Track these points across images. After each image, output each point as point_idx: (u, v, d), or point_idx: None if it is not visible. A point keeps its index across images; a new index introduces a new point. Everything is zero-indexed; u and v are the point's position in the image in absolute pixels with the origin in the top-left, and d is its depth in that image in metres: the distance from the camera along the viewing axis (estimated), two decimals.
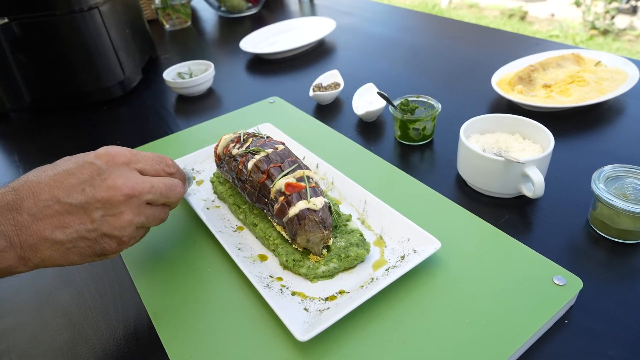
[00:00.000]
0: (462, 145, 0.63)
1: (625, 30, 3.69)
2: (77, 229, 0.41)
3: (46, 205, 0.40)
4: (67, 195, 0.41)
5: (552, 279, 0.48)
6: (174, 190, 0.49)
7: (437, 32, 1.28)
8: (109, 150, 0.44)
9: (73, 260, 0.43)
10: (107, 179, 0.42)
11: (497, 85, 0.85)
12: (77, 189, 0.41)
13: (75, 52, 0.98)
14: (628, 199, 0.51)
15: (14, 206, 0.40)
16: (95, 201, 0.41)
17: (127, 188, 0.43)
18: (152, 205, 0.47)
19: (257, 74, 1.14)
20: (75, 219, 0.41)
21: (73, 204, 0.41)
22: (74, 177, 0.42)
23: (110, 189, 0.42)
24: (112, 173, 0.43)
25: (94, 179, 0.42)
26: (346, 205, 0.61)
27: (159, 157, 0.50)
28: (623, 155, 0.68)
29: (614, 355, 0.43)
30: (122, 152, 0.45)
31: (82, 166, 0.42)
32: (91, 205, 0.41)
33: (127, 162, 0.45)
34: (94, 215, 0.41)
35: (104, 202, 0.41)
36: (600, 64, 0.87)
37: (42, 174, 0.42)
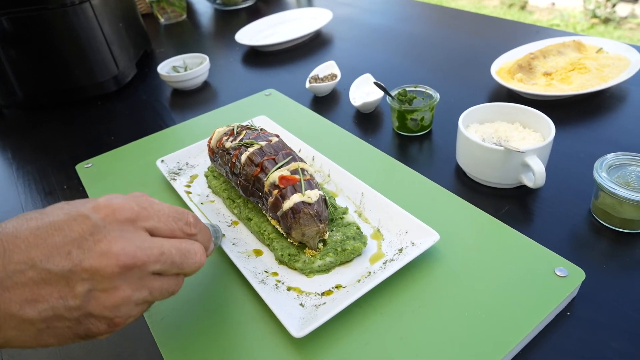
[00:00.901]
0: (461, 135, 0.62)
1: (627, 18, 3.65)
2: (53, 305, 0.31)
3: (18, 269, 0.30)
4: (47, 259, 0.31)
5: (553, 271, 0.46)
6: (191, 259, 0.38)
7: (436, 22, 1.26)
8: (111, 202, 0.34)
9: (48, 343, 0.33)
10: (101, 241, 0.32)
11: (496, 74, 0.84)
12: (62, 250, 0.31)
13: (68, 46, 0.96)
14: (631, 188, 0.50)
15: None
16: (82, 270, 0.31)
17: (126, 256, 0.32)
18: (160, 275, 0.36)
19: (253, 67, 1.13)
20: (53, 292, 0.31)
21: (52, 270, 0.31)
22: (61, 233, 0.32)
23: (104, 256, 0.32)
24: (110, 233, 0.33)
25: (85, 239, 0.32)
26: (343, 198, 0.60)
27: (177, 212, 0.38)
28: (625, 143, 0.67)
29: (617, 347, 0.42)
30: (128, 206, 0.35)
31: (73, 219, 0.32)
32: (76, 275, 0.31)
33: (132, 218, 0.34)
34: (77, 289, 0.31)
35: (93, 272, 0.31)
36: (601, 51, 0.85)
37: (24, 224, 0.32)
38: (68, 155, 0.84)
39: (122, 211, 0.34)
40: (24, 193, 0.76)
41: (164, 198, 0.66)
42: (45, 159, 0.84)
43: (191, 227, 0.39)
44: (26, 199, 0.74)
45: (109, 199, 0.35)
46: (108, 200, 0.34)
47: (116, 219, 0.33)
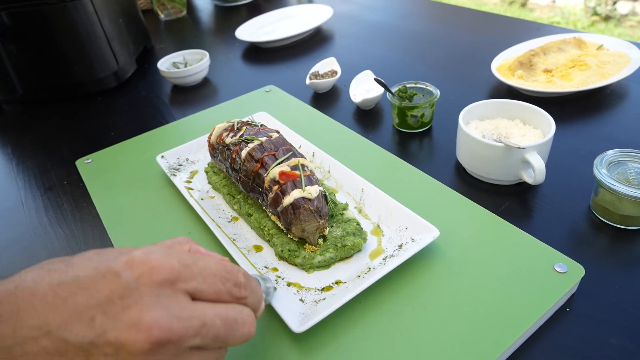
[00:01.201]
0: (461, 132, 0.62)
1: (627, 16, 3.64)
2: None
3: (31, 336, 0.25)
4: (65, 325, 0.26)
5: (553, 267, 0.47)
6: (238, 331, 0.31)
7: (437, 19, 1.26)
8: (148, 258, 0.28)
9: None
10: (132, 308, 0.26)
11: (497, 70, 0.84)
12: (84, 316, 0.26)
13: (68, 42, 0.96)
14: (631, 184, 0.50)
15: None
16: (105, 343, 0.26)
17: (160, 329, 0.26)
18: (199, 350, 0.30)
19: (253, 63, 1.12)
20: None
21: (70, 341, 0.25)
22: (85, 293, 0.26)
23: (133, 328, 0.26)
24: (143, 298, 0.27)
25: (113, 303, 0.26)
26: (343, 194, 0.60)
27: (226, 270, 0.32)
28: (625, 140, 0.67)
29: (616, 343, 0.42)
30: (168, 264, 0.28)
31: (101, 277, 0.27)
32: (97, 348, 0.26)
33: (172, 280, 0.28)
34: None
35: (118, 347, 0.26)
36: (602, 48, 0.85)
37: (45, 277, 0.27)
38: (68, 151, 0.84)
39: (161, 270, 0.28)
40: (24, 188, 0.75)
41: (164, 194, 0.66)
42: (45, 154, 0.84)
43: (241, 290, 0.32)
44: (26, 195, 0.74)
45: (146, 253, 0.28)
46: (145, 255, 0.28)
47: (152, 281, 0.27)
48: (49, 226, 0.66)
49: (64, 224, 0.66)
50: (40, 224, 0.67)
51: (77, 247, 0.62)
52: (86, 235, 0.63)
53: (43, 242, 0.63)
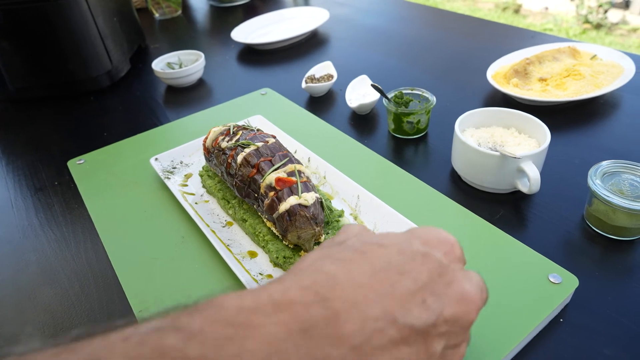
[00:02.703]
0: (457, 140, 0.62)
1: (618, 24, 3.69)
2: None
3: (377, 328, 0.23)
4: (407, 312, 0.24)
5: (547, 277, 0.47)
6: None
7: (432, 24, 1.26)
8: (438, 234, 0.29)
9: None
10: (452, 284, 0.27)
11: (492, 78, 0.84)
12: (416, 299, 0.25)
13: (61, 40, 0.95)
14: (625, 196, 0.51)
15: (328, 331, 0.22)
16: (443, 322, 0.26)
17: (480, 299, 0.27)
18: None
19: (249, 65, 1.12)
20: (411, 353, 0.24)
21: (415, 326, 0.24)
22: (409, 277, 0.26)
23: (463, 301, 0.26)
24: (456, 273, 0.28)
25: (435, 283, 0.26)
26: (338, 201, 0.60)
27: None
28: (619, 150, 0.68)
29: (610, 354, 0.42)
30: (451, 237, 0.30)
31: (413, 259, 0.27)
32: (435, 328, 0.25)
33: (461, 256, 0.30)
34: (434, 348, 0.25)
35: (453, 323, 0.26)
36: (596, 58, 0.86)
37: (344, 268, 0.25)
38: (60, 151, 0.82)
39: (456, 246, 0.30)
40: (14, 189, 0.74)
41: (158, 197, 0.65)
42: (36, 154, 0.83)
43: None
44: (16, 195, 0.73)
45: (425, 229, 0.30)
46: (429, 232, 0.29)
47: (455, 256, 0.29)
48: (39, 227, 0.65)
49: (54, 226, 0.65)
50: (30, 225, 0.66)
51: (67, 249, 0.61)
52: (77, 237, 0.63)
53: (32, 244, 0.62)
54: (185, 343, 0.20)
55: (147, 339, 0.20)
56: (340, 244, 0.28)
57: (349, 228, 0.31)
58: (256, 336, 0.20)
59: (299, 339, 0.21)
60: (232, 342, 0.20)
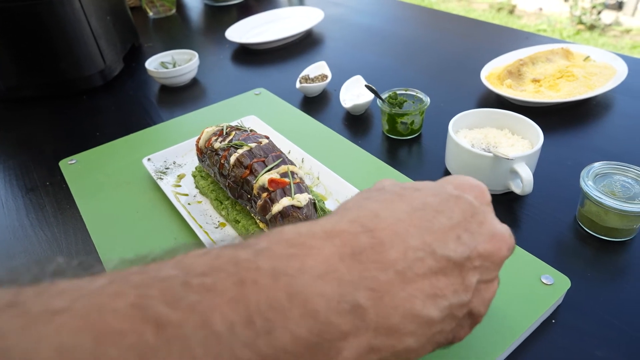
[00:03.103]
0: (450, 141, 0.62)
1: (611, 25, 3.72)
2: (450, 302, 0.26)
3: (418, 257, 0.26)
4: (444, 244, 0.27)
5: (540, 278, 0.47)
6: None
7: (426, 25, 1.27)
8: (469, 181, 0.31)
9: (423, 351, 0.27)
10: (484, 223, 0.29)
11: (486, 79, 0.84)
12: (452, 235, 0.27)
13: (53, 39, 0.94)
14: (616, 197, 0.51)
15: (375, 257, 0.25)
16: (477, 256, 0.28)
17: (511, 238, 0.30)
18: None
19: (243, 65, 1.12)
20: (449, 284, 0.26)
21: (452, 258, 0.26)
22: (444, 215, 0.28)
23: (494, 239, 0.28)
24: (487, 215, 0.30)
25: (468, 221, 0.28)
26: (332, 202, 0.59)
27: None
28: (611, 152, 0.68)
29: (601, 355, 0.42)
30: (483, 185, 0.32)
31: (446, 200, 0.29)
32: (470, 261, 0.27)
33: (490, 201, 0.32)
34: (469, 280, 0.27)
35: (486, 257, 0.28)
36: (589, 59, 0.87)
37: (384, 206, 0.28)
38: (51, 151, 0.82)
39: (485, 191, 0.32)
40: (4, 189, 0.74)
41: (151, 198, 0.64)
42: (28, 154, 0.82)
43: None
44: (6, 195, 0.72)
45: (457, 177, 0.32)
46: (461, 179, 0.32)
47: (485, 200, 0.31)
48: (30, 228, 0.65)
49: (45, 226, 0.64)
50: (20, 226, 0.65)
51: (58, 250, 0.60)
52: (68, 238, 0.62)
53: (23, 245, 0.62)
54: (255, 256, 0.23)
55: (222, 253, 0.23)
56: (379, 190, 0.31)
57: (384, 180, 0.34)
58: (315, 255, 0.23)
59: (350, 261, 0.24)
60: (296, 258, 0.23)
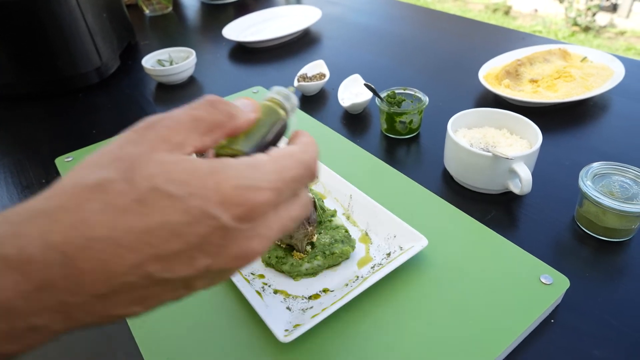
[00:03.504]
0: (449, 140, 0.62)
1: (606, 27, 3.74)
2: (162, 300, 0.25)
3: (126, 282, 0.23)
4: (165, 270, 0.24)
5: (539, 278, 0.47)
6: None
7: (423, 24, 1.27)
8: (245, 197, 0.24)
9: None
10: (233, 245, 0.25)
11: (484, 79, 0.84)
12: (183, 258, 0.24)
13: (49, 36, 0.93)
14: (615, 197, 0.51)
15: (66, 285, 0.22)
16: (206, 272, 0.25)
17: (258, 255, 0.26)
18: None
19: (240, 63, 1.11)
20: (166, 291, 0.25)
21: (170, 279, 0.24)
22: (180, 241, 0.23)
23: (237, 260, 0.25)
24: (242, 233, 0.25)
25: (211, 244, 0.24)
26: (331, 200, 0.59)
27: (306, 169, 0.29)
28: (608, 152, 0.68)
29: (600, 355, 0.42)
30: (265, 197, 0.25)
31: (197, 222, 0.24)
32: (198, 277, 0.25)
33: (267, 211, 0.26)
34: (195, 285, 0.26)
35: (219, 271, 0.26)
36: (586, 60, 0.87)
37: (119, 220, 0.22)
38: (47, 149, 0.81)
39: (259, 208, 0.25)
40: (0, 187, 0.73)
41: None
42: (24, 152, 0.82)
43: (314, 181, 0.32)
44: (1, 193, 0.71)
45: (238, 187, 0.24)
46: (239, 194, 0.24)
47: (251, 219, 0.25)
48: None
49: None
50: None
51: None
52: None
53: None
54: None
55: None
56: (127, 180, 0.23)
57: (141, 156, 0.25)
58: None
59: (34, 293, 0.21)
60: None
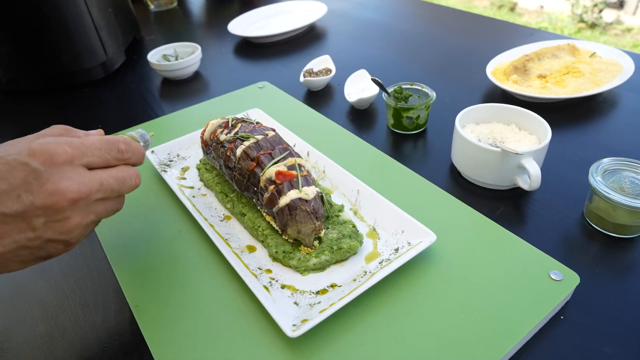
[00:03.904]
0: (457, 135, 0.61)
1: (612, 24, 3.71)
2: (16, 239, 0.35)
3: None
4: (1, 205, 0.35)
5: (548, 274, 0.46)
6: (128, 183, 0.42)
7: (429, 19, 1.26)
8: (46, 147, 0.37)
9: (12, 268, 0.38)
10: (47, 183, 0.36)
11: (492, 74, 0.84)
12: (11, 195, 0.35)
13: (55, 30, 0.93)
14: (626, 193, 0.50)
15: None
16: (35, 209, 0.35)
17: (72, 192, 0.37)
18: (103, 200, 0.41)
19: (246, 58, 1.11)
20: (13, 229, 0.35)
21: (8, 213, 0.35)
22: (5, 182, 0.35)
23: (53, 195, 0.36)
24: (53, 175, 0.36)
25: (31, 183, 0.35)
26: (338, 195, 0.59)
27: (108, 143, 0.42)
28: (617, 148, 0.67)
29: (610, 352, 0.42)
30: (62, 149, 0.37)
31: (14, 168, 0.35)
32: (30, 213, 0.35)
33: (69, 160, 0.38)
34: (34, 223, 0.36)
35: (46, 208, 0.36)
36: (595, 55, 0.86)
37: None
38: None
39: (59, 155, 0.37)
40: None
41: (155, 189, 0.64)
42: None
43: (123, 154, 0.43)
44: None
45: (42, 145, 0.37)
46: (42, 146, 0.37)
47: (54, 163, 0.36)
48: None
49: None
50: None
51: None
52: None
53: None
54: None
55: None
56: None
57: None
58: None
59: None
60: None
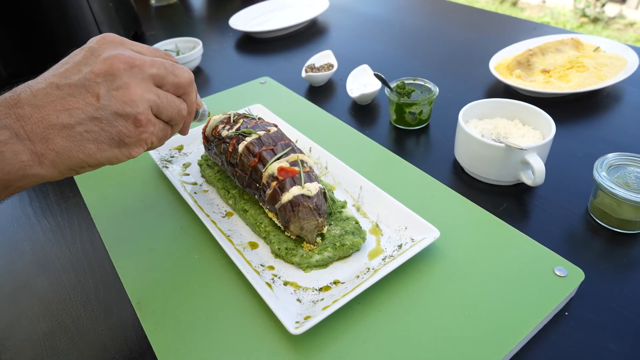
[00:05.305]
0: (460, 131, 0.61)
1: (615, 18, 3.69)
2: (84, 110, 0.37)
3: (45, 93, 0.37)
4: (65, 78, 0.38)
5: (553, 270, 0.46)
6: (178, 70, 0.44)
7: (432, 14, 1.25)
8: (103, 35, 0.42)
9: (90, 151, 0.38)
10: (102, 54, 0.39)
11: (495, 69, 0.83)
12: (73, 70, 0.38)
13: (55, 26, 0.92)
14: (630, 188, 0.50)
15: (12, 102, 0.37)
16: (95, 76, 0.38)
17: (125, 57, 0.39)
18: (160, 88, 0.43)
19: (248, 53, 1.10)
20: (79, 100, 0.37)
21: (72, 84, 0.38)
22: (68, 63, 0.39)
23: (107, 60, 0.38)
24: (107, 48, 0.40)
25: (88, 58, 0.39)
26: (341, 191, 0.59)
27: (158, 50, 0.46)
28: (622, 143, 0.67)
29: (615, 349, 0.41)
30: (118, 37, 0.42)
31: (75, 53, 0.40)
32: (91, 81, 0.38)
33: (122, 42, 0.42)
34: (97, 91, 0.38)
35: (104, 74, 0.38)
36: (599, 50, 0.85)
37: (40, 75, 0.40)
38: None
39: (113, 37, 0.42)
40: None
41: (156, 186, 0.64)
42: None
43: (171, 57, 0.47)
44: None
45: (102, 36, 0.42)
46: (101, 36, 0.42)
47: (107, 41, 0.41)
48: (34, 217, 0.64)
49: (49, 215, 0.64)
50: (24, 215, 0.64)
51: (62, 238, 0.59)
52: (72, 226, 0.61)
53: (27, 233, 0.61)
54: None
55: None
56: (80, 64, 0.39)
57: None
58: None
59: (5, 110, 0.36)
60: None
